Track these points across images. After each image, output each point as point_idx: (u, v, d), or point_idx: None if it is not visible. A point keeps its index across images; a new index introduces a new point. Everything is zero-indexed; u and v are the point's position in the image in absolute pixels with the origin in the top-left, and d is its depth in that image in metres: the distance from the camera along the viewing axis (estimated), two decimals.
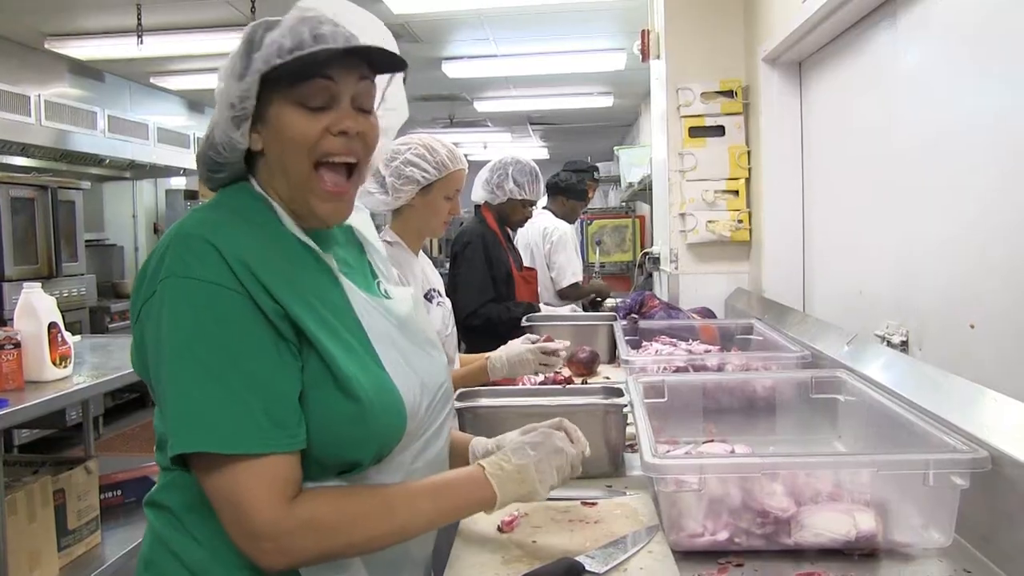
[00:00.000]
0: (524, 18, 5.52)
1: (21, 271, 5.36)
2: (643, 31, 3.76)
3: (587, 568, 1.22)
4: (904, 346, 2.06)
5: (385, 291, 1.27)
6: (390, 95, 1.27)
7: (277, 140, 1.11)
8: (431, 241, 10.85)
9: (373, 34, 1.17)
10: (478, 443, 1.40)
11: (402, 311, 1.22)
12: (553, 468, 1.19)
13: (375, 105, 1.21)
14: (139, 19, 4.99)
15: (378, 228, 1.55)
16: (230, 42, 5.38)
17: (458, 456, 1.37)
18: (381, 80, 1.23)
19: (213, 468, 0.98)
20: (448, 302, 2.35)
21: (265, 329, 1.02)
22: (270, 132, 1.11)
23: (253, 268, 1.02)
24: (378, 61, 1.15)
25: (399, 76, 1.26)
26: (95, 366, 2.97)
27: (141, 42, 5.13)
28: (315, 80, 1.09)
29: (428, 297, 2.23)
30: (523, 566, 1.25)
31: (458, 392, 1.76)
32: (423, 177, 2.17)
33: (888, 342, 2.08)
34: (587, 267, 7.53)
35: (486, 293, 3.26)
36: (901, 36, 2.15)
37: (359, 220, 1.35)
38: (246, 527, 0.98)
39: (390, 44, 1.18)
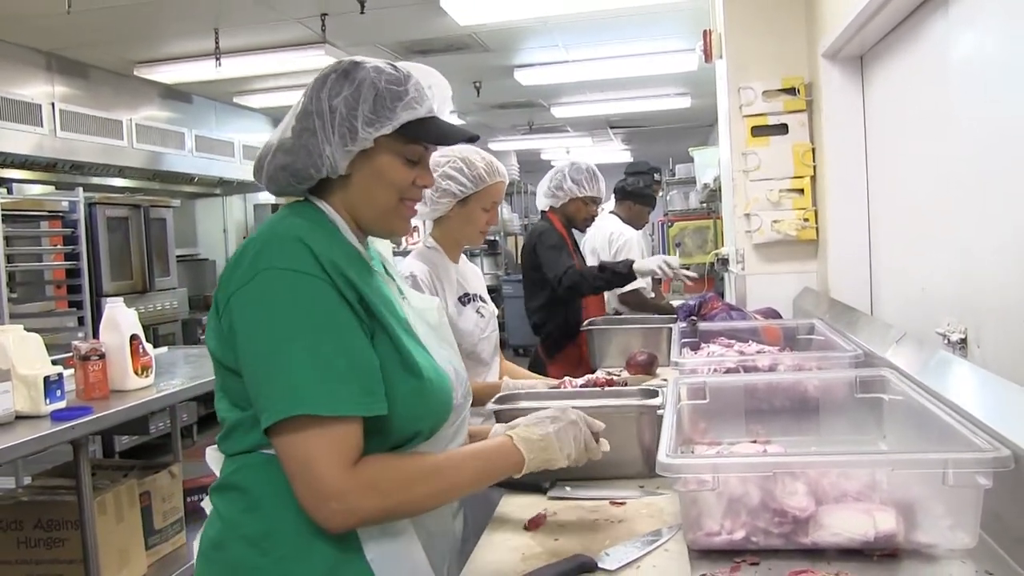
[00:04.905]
0: (590, 23, 5.51)
1: (117, 287, 5.67)
2: (705, 31, 3.73)
3: (599, 565, 1.24)
4: (963, 344, 2.00)
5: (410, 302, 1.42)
6: None
7: (374, 177, 1.29)
8: (515, 251, 10.92)
9: (447, 100, 1.36)
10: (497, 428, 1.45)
11: (431, 318, 1.41)
12: (571, 437, 1.32)
13: None
14: (216, 43, 5.22)
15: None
16: (303, 60, 5.45)
17: None
18: None
19: (295, 432, 1.10)
20: (490, 307, 2.38)
21: (352, 313, 1.17)
22: (367, 168, 1.29)
23: (338, 264, 1.18)
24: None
25: None
26: (188, 376, 3.07)
27: (219, 64, 5.37)
28: (427, 146, 1.32)
29: (462, 301, 2.28)
30: (540, 563, 1.28)
31: (497, 396, 1.80)
32: (459, 190, 2.22)
33: (948, 340, 2.02)
34: None
35: (567, 260, 3.38)
36: (953, 26, 2.09)
37: (383, 245, 1.52)
38: (315, 487, 1.10)
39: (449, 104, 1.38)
